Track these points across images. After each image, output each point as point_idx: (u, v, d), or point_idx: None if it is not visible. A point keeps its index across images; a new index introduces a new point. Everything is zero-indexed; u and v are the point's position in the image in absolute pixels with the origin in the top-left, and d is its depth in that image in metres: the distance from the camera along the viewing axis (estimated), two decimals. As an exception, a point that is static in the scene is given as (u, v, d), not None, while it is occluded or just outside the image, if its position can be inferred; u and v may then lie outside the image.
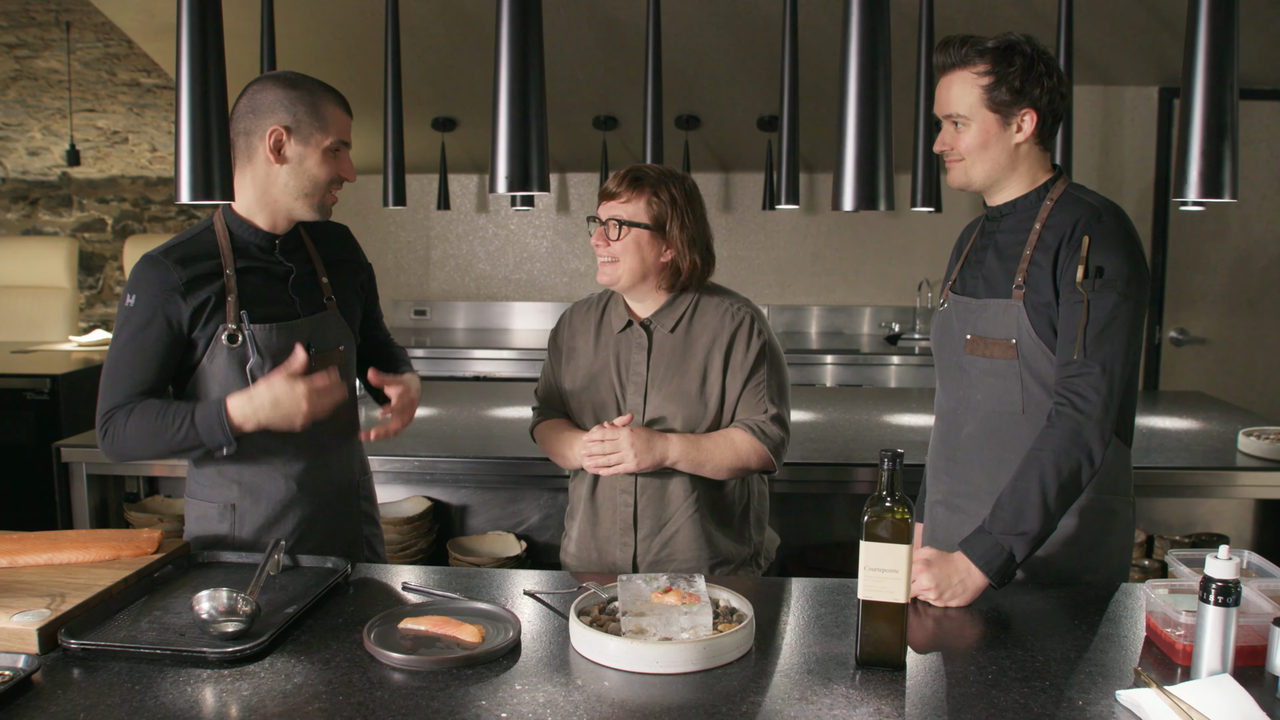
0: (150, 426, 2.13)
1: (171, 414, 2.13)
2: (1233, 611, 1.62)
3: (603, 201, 2.44)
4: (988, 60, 2.08)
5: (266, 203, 2.23)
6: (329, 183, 2.23)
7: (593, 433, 2.36)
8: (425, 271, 6.62)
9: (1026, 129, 2.11)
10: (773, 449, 2.40)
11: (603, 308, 2.57)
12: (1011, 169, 2.16)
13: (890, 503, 1.71)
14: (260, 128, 2.17)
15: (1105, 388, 2.00)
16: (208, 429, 2.12)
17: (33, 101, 7.18)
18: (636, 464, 2.32)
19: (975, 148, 2.13)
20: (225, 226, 2.24)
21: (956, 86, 2.12)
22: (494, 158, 1.64)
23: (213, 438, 2.13)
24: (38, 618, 1.77)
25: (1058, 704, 1.60)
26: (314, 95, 2.19)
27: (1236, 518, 3.52)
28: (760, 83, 5.33)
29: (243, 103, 2.20)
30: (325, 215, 2.27)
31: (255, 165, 2.20)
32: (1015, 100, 2.09)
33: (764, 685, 1.65)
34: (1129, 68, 5.45)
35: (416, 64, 5.04)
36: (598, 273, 2.45)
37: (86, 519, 3.29)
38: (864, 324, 6.37)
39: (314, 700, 1.59)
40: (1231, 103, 1.61)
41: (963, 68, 2.11)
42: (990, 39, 2.09)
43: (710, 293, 2.52)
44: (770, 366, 2.45)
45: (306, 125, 2.17)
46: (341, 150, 2.24)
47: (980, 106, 2.10)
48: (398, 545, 3.26)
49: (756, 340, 2.44)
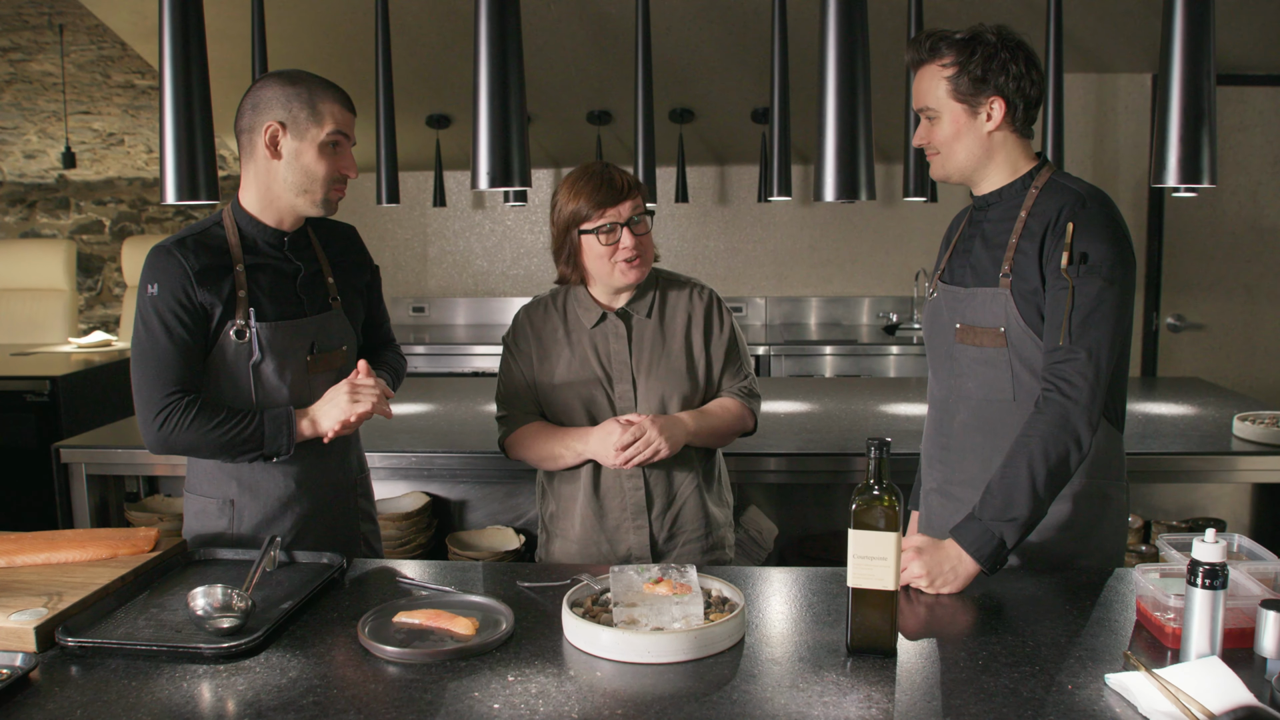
0: (216, 424, 2.17)
1: (239, 416, 2.19)
2: (1220, 594, 1.63)
3: (613, 206, 2.36)
4: (951, 52, 2.12)
5: (270, 200, 2.24)
6: (328, 178, 2.22)
7: (611, 431, 2.37)
8: (423, 268, 6.63)
9: (996, 117, 2.13)
10: (755, 410, 2.60)
11: (561, 306, 2.54)
12: (988, 158, 2.17)
13: (878, 490, 1.71)
14: (258, 124, 2.18)
15: (1092, 373, 2.01)
16: (274, 432, 2.20)
17: (28, 105, 7.19)
18: (670, 448, 2.37)
19: (948, 139, 2.16)
20: (234, 223, 2.26)
21: (925, 80, 2.16)
22: (474, 154, 1.65)
23: (275, 442, 2.21)
24: (35, 616, 1.79)
25: (1047, 688, 1.61)
26: (311, 90, 2.19)
27: (1233, 502, 3.53)
28: (753, 75, 5.33)
29: (246, 101, 2.21)
30: (329, 211, 2.28)
31: (257, 162, 2.22)
32: (978, 89, 2.11)
33: (755, 673, 1.67)
34: (1121, 55, 5.45)
35: (410, 61, 5.04)
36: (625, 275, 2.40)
37: (87, 519, 3.30)
38: (862, 314, 6.38)
39: (309, 694, 1.60)
40: (1209, 88, 1.61)
41: (930, 61, 2.15)
42: (959, 32, 2.12)
43: (666, 277, 2.57)
44: (739, 338, 2.60)
45: (302, 120, 2.18)
46: (341, 145, 2.23)
47: (946, 98, 2.14)
48: (396, 541, 3.27)
49: (727, 316, 2.57)
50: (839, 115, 1.63)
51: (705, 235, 6.42)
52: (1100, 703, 1.56)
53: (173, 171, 1.59)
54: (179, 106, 1.60)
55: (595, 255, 2.40)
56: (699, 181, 6.38)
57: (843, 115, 1.63)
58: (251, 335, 2.21)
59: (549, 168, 6.45)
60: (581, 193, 2.37)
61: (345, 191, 2.29)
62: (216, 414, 2.17)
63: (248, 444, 2.20)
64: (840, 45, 1.62)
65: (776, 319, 6.41)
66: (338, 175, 2.24)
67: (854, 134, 1.63)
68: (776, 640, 1.79)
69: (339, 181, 2.25)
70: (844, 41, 1.62)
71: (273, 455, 2.23)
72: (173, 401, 2.15)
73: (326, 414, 2.25)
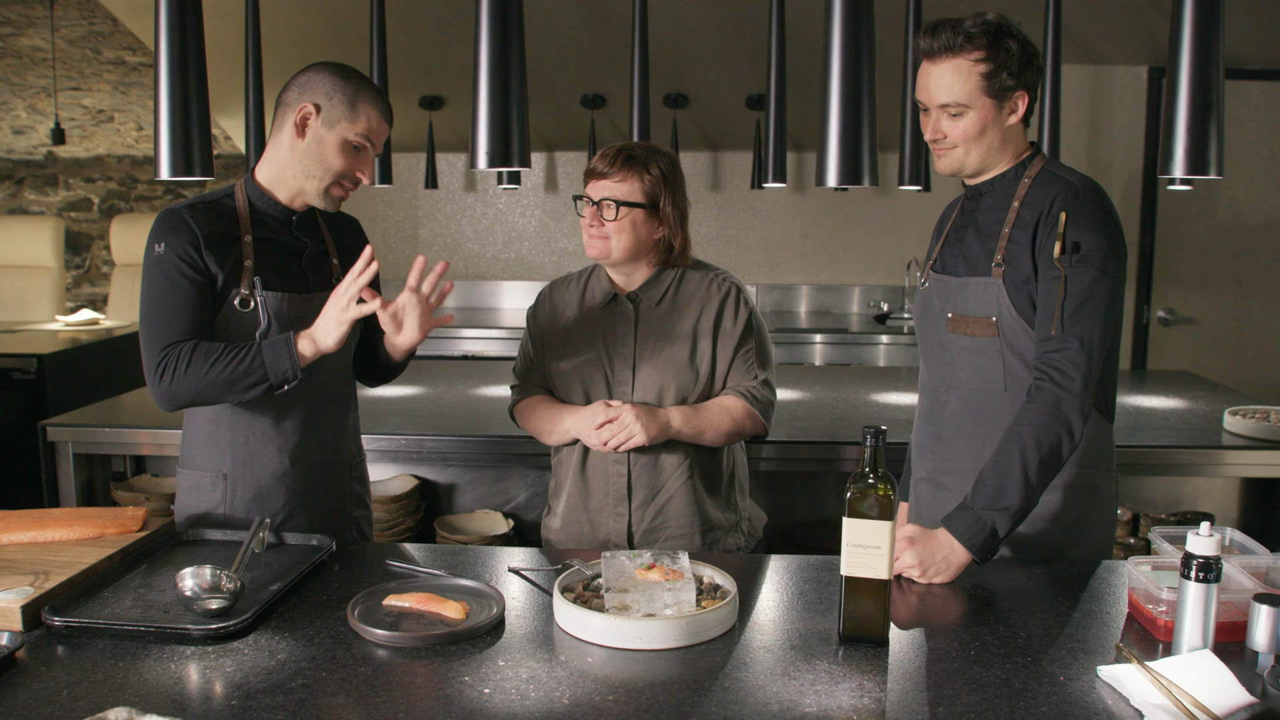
0: (214, 362, 2.12)
1: (235, 349, 2.13)
2: (1213, 588, 1.63)
3: (592, 180, 2.43)
4: (982, 46, 2.05)
5: (283, 177, 2.24)
6: (340, 174, 2.22)
7: (596, 413, 2.39)
8: (414, 251, 6.61)
9: (1020, 111, 2.11)
10: (764, 412, 2.49)
11: (584, 283, 2.58)
12: (1002, 151, 2.15)
13: (873, 479, 1.71)
14: (296, 102, 2.19)
15: (1084, 363, 2.00)
16: (275, 358, 2.12)
17: (17, 80, 7.13)
18: (646, 437, 2.36)
19: (973, 135, 2.11)
20: (246, 196, 2.26)
21: (950, 74, 2.07)
22: (474, 133, 1.64)
23: (278, 368, 2.13)
24: (21, 595, 1.77)
25: (1039, 679, 1.60)
26: (358, 89, 2.20)
27: (1223, 496, 3.54)
28: (748, 61, 5.32)
29: (298, 78, 2.22)
30: (331, 206, 2.27)
31: (282, 137, 2.22)
32: (1014, 85, 2.08)
33: (747, 661, 1.66)
34: (1118, 47, 5.45)
35: (403, 42, 5.01)
36: (587, 246, 2.44)
37: (73, 498, 3.28)
38: (853, 303, 6.38)
39: (297, 676, 1.59)
40: (1217, 80, 1.61)
41: (956, 54, 2.06)
42: (971, 22, 2.06)
43: (692, 266, 2.55)
44: (757, 333, 2.52)
45: (336, 111, 2.18)
46: (365, 150, 2.23)
47: (979, 94, 2.07)
48: (385, 524, 3.26)
49: (744, 309, 2.50)
50: (843, 98, 1.62)
51: (698, 222, 6.41)
52: (1092, 694, 1.56)
53: (167, 146, 1.57)
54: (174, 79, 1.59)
55: (581, 221, 2.47)
56: (692, 167, 6.36)
57: (847, 98, 1.62)
58: (257, 304, 2.21)
59: (542, 151, 6.43)
60: (593, 159, 2.47)
61: (349, 193, 2.27)
62: (213, 352, 2.12)
63: (250, 375, 2.13)
64: (846, 26, 1.61)
65: (767, 307, 6.40)
66: (350, 175, 2.23)
67: (858, 117, 1.62)
68: (768, 628, 1.79)
69: (347, 179, 2.24)
70: (849, 22, 1.61)
71: (281, 384, 2.15)
72: (168, 351, 2.14)
73: (324, 329, 2.16)
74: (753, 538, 2.68)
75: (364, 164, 2.24)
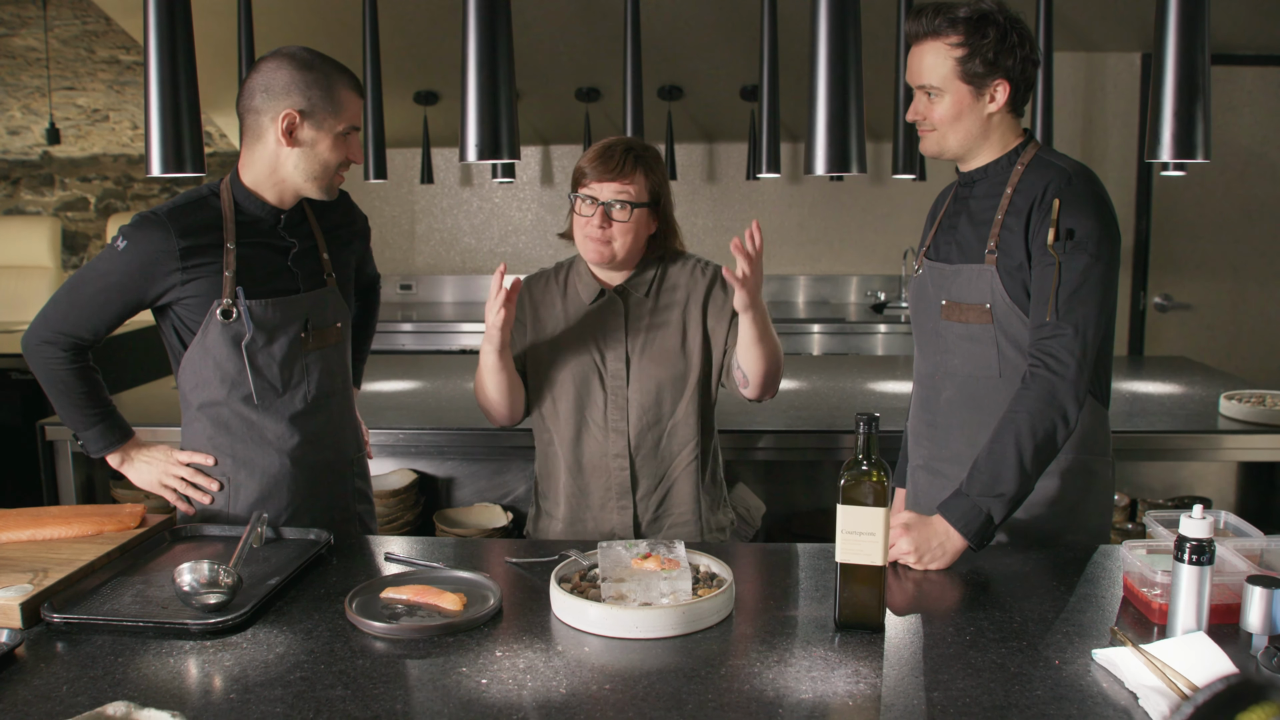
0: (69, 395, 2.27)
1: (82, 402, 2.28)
2: (1207, 570, 1.64)
3: (596, 181, 2.34)
4: (961, 31, 2.06)
5: (275, 181, 2.22)
6: (338, 166, 2.22)
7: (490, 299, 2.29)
8: (410, 246, 6.61)
9: (1000, 99, 2.11)
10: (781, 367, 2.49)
11: (563, 281, 2.52)
12: (984, 138, 2.15)
13: (867, 466, 1.71)
14: (272, 109, 2.15)
15: (1079, 349, 2.01)
16: (90, 438, 2.31)
17: (11, 80, 7.12)
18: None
19: (948, 119, 2.12)
20: (231, 197, 2.23)
21: (929, 57, 2.10)
22: (463, 126, 1.64)
23: (90, 443, 2.31)
24: (20, 593, 1.78)
25: (1035, 663, 1.61)
26: (329, 78, 2.17)
27: (1219, 480, 3.55)
28: (742, 52, 5.31)
29: (255, 80, 2.16)
30: (332, 196, 2.28)
31: (265, 144, 2.18)
32: (989, 72, 2.08)
33: (743, 649, 1.67)
34: (1111, 34, 5.44)
35: (397, 37, 5.01)
36: (587, 250, 2.38)
37: (73, 497, 3.28)
38: (850, 293, 6.38)
39: (296, 670, 1.59)
40: (1204, 64, 1.61)
41: (935, 38, 2.08)
42: (962, 7, 2.07)
43: (673, 257, 2.51)
44: None
45: (320, 110, 2.16)
46: (352, 134, 2.23)
47: (953, 78, 2.09)
48: (384, 518, 3.26)
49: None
50: (830, 85, 1.62)
51: (694, 213, 6.41)
52: (1087, 677, 1.56)
53: (158, 143, 1.58)
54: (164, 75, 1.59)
55: (577, 221, 2.40)
56: (688, 159, 6.36)
57: (834, 85, 1.62)
58: (241, 313, 2.19)
59: (536, 145, 6.42)
60: (588, 156, 2.38)
61: (345, 177, 2.28)
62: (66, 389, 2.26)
63: (74, 428, 2.31)
64: (832, 13, 1.61)
65: (764, 297, 6.39)
66: (345, 161, 2.24)
67: (845, 104, 1.62)
68: (764, 616, 1.80)
69: (344, 166, 2.25)
70: (836, 9, 1.61)
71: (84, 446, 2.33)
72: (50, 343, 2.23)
73: (140, 470, 2.34)
74: (751, 527, 2.68)
75: (354, 146, 2.24)
